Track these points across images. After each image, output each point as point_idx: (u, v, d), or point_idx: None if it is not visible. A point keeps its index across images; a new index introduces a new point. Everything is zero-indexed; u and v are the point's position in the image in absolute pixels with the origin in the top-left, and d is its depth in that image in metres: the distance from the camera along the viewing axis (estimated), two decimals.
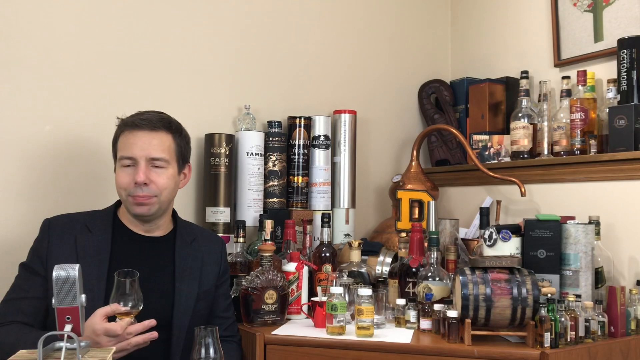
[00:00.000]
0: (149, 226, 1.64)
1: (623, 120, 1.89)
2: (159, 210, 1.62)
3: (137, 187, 1.55)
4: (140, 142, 1.56)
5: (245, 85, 2.27)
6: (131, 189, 1.56)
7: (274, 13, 2.35)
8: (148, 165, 1.57)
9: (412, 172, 2.37)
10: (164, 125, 1.60)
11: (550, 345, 1.52)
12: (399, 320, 1.77)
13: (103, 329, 1.33)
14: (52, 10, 1.90)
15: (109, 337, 1.33)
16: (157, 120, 1.60)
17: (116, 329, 1.33)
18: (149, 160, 1.57)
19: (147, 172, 1.56)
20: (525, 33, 2.44)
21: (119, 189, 1.59)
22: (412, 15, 2.72)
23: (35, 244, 1.59)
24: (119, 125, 1.63)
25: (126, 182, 1.56)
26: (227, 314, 1.75)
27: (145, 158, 1.56)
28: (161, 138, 1.59)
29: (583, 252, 1.74)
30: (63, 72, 1.91)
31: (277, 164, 2.21)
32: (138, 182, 1.54)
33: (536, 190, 2.22)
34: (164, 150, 1.59)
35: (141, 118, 1.59)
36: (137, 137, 1.57)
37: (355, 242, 1.95)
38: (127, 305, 1.34)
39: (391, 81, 2.65)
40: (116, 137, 1.63)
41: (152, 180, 1.56)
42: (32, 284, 1.54)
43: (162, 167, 1.59)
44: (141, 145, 1.56)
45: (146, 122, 1.58)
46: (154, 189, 1.57)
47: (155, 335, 1.39)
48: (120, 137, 1.60)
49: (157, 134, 1.59)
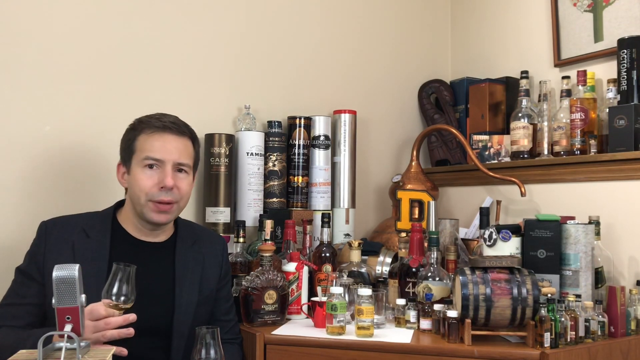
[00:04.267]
0: (155, 233, 1.62)
1: (623, 120, 1.89)
2: (174, 218, 1.61)
3: (163, 191, 1.52)
4: (169, 145, 1.54)
5: (245, 85, 2.27)
6: (154, 192, 1.52)
7: (274, 13, 2.35)
8: (174, 170, 1.55)
9: (412, 172, 2.37)
10: (188, 131, 1.59)
11: (550, 345, 1.52)
12: (399, 320, 1.77)
13: (87, 311, 1.26)
14: (52, 10, 1.90)
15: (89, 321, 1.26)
16: (182, 125, 1.58)
17: (100, 309, 1.27)
18: (175, 164, 1.55)
19: (173, 176, 1.54)
20: (525, 33, 2.44)
21: (138, 192, 1.53)
22: (412, 15, 2.72)
23: (32, 249, 1.55)
24: (136, 124, 1.58)
25: (149, 185, 1.52)
26: (228, 316, 1.74)
27: (173, 162, 1.54)
28: (186, 144, 1.58)
29: (583, 252, 1.74)
30: (63, 72, 1.91)
31: (277, 164, 2.21)
32: (166, 186, 1.51)
33: (536, 190, 2.22)
34: (188, 157, 1.58)
35: (169, 121, 1.56)
36: (165, 141, 1.54)
37: (355, 242, 1.95)
38: (119, 298, 1.28)
39: (391, 81, 2.65)
40: (133, 136, 1.56)
41: (177, 185, 1.55)
42: (28, 290, 1.51)
43: (185, 172, 1.58)
44: (170, 148, 1.54)
45: (175, 126, 1.55)
46: (177, 195, 1.55)
47: (131, 331, 1.30)
48: (142, 137, 1.54)
49: (182, 139, 1.57)
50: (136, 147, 1.55)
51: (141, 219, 1.57)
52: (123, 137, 1.61)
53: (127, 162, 1.58)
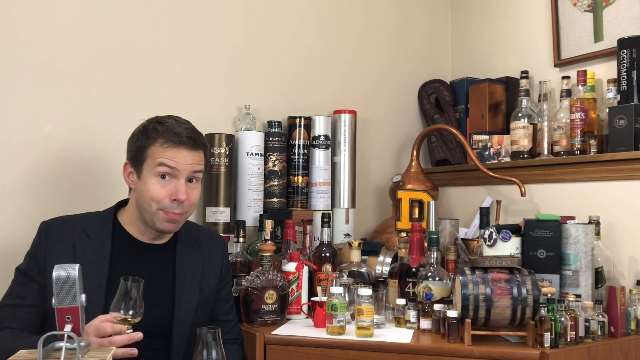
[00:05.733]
0: (160, 236, 1.63)
1: (623, 120, 1.89)
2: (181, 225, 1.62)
3: (175, 203, 1.52)
4: (184, 159, 1.52)
5: (245, 85, 2.27)
6: (167, 203, 1.52)
7: (274, 13, 2.35)
8: (186, 181, 1.54)
9: (412, 172, 2.37)
10: (202, 143, 1.58)
11: (550, 345, 1.52)
12: (399, 320, 1.77)
13: (94, 328, 1.28)
14: (52, 10, 1.90)
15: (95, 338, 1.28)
16: (196, 136, 1.56)
17: (107, 327, 1.29)
18: (188, 175, 1.54)
19: (186, 188, 1.54)
20: (525, 33, 2.44)
21: (149, 200, 1.52)
22: (412, 15, 2.72)
23: (32, 249, 1.55)
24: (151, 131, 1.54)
25: (162, 196, 1.51)
26: (228, 317, 1.74)
27: (187, 174, 1.54)
28: (200, 155, 1.57)
29: (583, 252, 1.74)
30: (63, 72, 1.91)
31: (277, 164, 2.21)
32: (179, 200, 1.52)
33: (536, 190, 2.22)
34: (201, 166, 1.57)
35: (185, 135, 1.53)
36: (181, 155, 1.52)
37: (355, 242, 1.95)
38: (127, 311, 1.31)
39: (391, 81, 2.65)
40: (147, 143, 1.53)
41: (188, 196, 1.54)
42: (28, 290, 1.51)
43: (197, 181, 1.58)
44: (185, 160, 1.52)
45: (191, 141, 1.54)
46: (186, 206, 1.55)
47: (134, 352, 1.31)
48: (156, 147, 1.52)
49: (197, 152, 1.56)
50: (149, 154, 1.53)
51: (148, 225, 1.57)
52: (134, 138, 1.58)
53: (137, 166, 1.56)
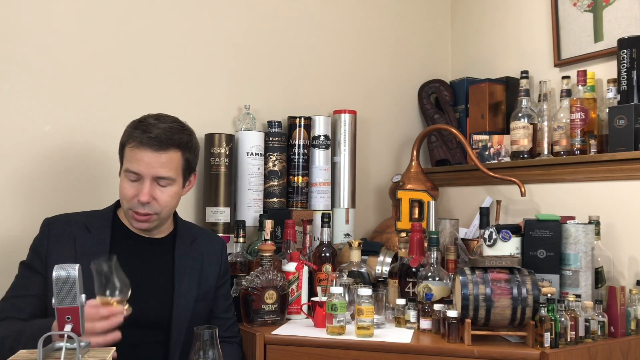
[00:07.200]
0: (149, 232, 1.64)
1: (623, 120, 1.89)
2: (160, 225, 1.63)
3: (139, 203, 1.54)
4: (148, 160, 1.52)
5: (245, 85, 2.27)
6: (134, 203, 1.54)
7: (274, 13, 2.35)
8: (153, 182, 1.54)
9: (412, 172, 2.37)
10: (173, 144, 1.54)
11: (550, 345, 1.52)
12: (399, 320, 1.77)
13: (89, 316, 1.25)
14: (52, 10, 1.90)
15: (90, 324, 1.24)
16: (166, 138, 1.53)
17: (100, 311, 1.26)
18: (154, 178, 1.54)
19: (151, 189, 1.53)
20: (525, 33, 2.44)
21: (122, 199, 1.58)
22: (412, 15, 2.72)
23: (35, 243, 1.59)
24: (128, 130, 1.57)
25: (129, 196, 1.55)
26: (227, 315, 1.75)
27: (151, 177, 1.53)
28: (169, 156, 1.54)
29: (583, 252, 1.74)
30: (63, 72, 1.91)
31: (277, 164, 2.21)
32: (141, 201, 1.53)
33: (536, 190, 2.22)
34: (170, 169, 1.55)
35: (149, 136, 1.51)
36: (144, 155, 1.52)
37: (355, 242, 1.95)
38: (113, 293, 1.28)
39: (391, 81, 2.65)
40: (123, 143, 1.57)
41: (155, 197, 1.54)
42: (32, 281, 1.54)
43: (167, 185, 1.57)
44: (148, 162, 1.52)
45: (156, 142, 1.52)
46: (156, 207, 1.55)
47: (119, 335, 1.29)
48: (127, 147, 1.55)
49: (165, 154, 1.53)
50: (124, 154, 1.57)
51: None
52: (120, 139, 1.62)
53: (120, 164, 1.60)
